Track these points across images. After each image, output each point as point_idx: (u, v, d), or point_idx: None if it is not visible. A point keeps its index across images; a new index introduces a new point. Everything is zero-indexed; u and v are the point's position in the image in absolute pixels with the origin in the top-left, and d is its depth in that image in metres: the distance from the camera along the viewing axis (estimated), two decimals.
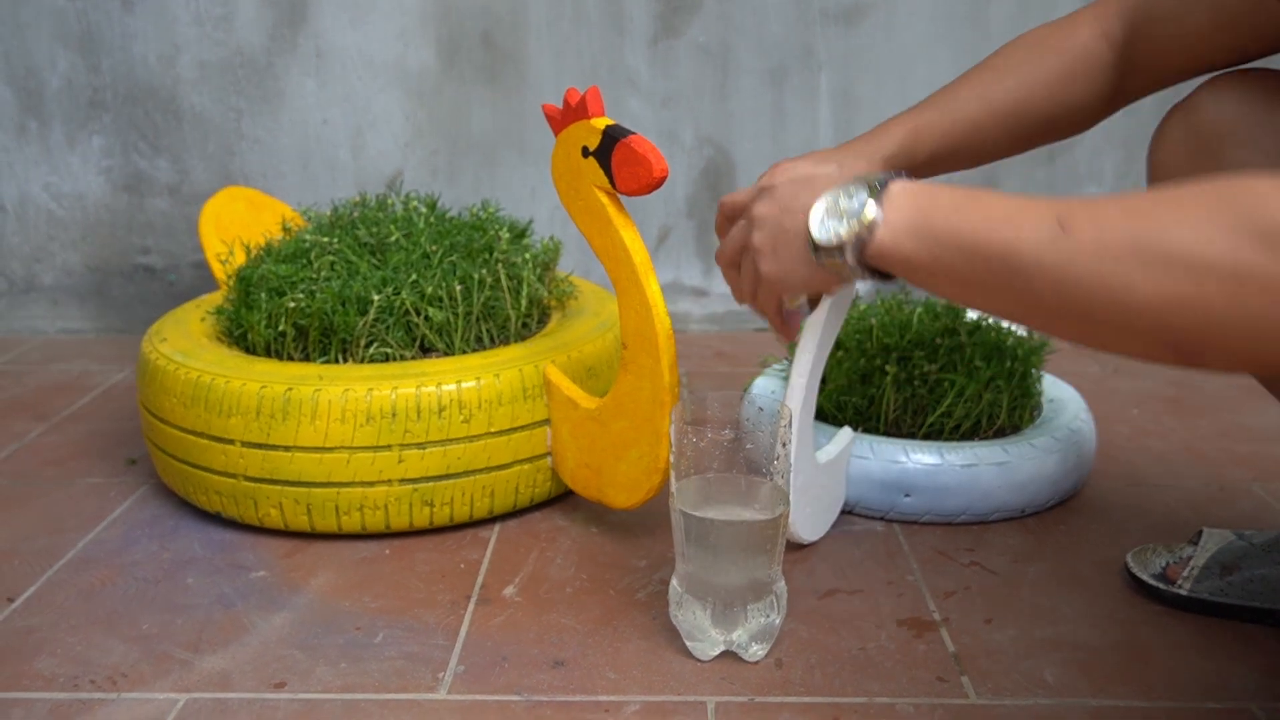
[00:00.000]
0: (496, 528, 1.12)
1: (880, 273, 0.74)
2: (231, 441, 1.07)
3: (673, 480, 0.87)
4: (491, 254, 1.19)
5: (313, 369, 1.08)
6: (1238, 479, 1.22)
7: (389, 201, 1.30)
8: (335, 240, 1.19)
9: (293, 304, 1.12)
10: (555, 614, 0.96)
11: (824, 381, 1.18)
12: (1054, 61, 0.92)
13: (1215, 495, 1.18)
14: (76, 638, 0.93)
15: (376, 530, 1.09)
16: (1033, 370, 1.19)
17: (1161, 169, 0.90)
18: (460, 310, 1.15)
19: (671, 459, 0.87)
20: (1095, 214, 0.59)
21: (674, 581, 0.90)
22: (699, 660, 0.89)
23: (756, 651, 0.88)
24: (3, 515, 1.17)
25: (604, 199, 0.97)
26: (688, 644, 0.89)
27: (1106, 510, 1.15)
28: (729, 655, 0.89)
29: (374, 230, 1.21)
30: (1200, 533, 0.97)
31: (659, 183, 0.91)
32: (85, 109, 1.76)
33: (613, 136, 0.93)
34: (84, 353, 1.74)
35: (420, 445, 1.06)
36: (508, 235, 1.22)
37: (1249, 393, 1.49)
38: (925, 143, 0.92)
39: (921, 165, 0.93)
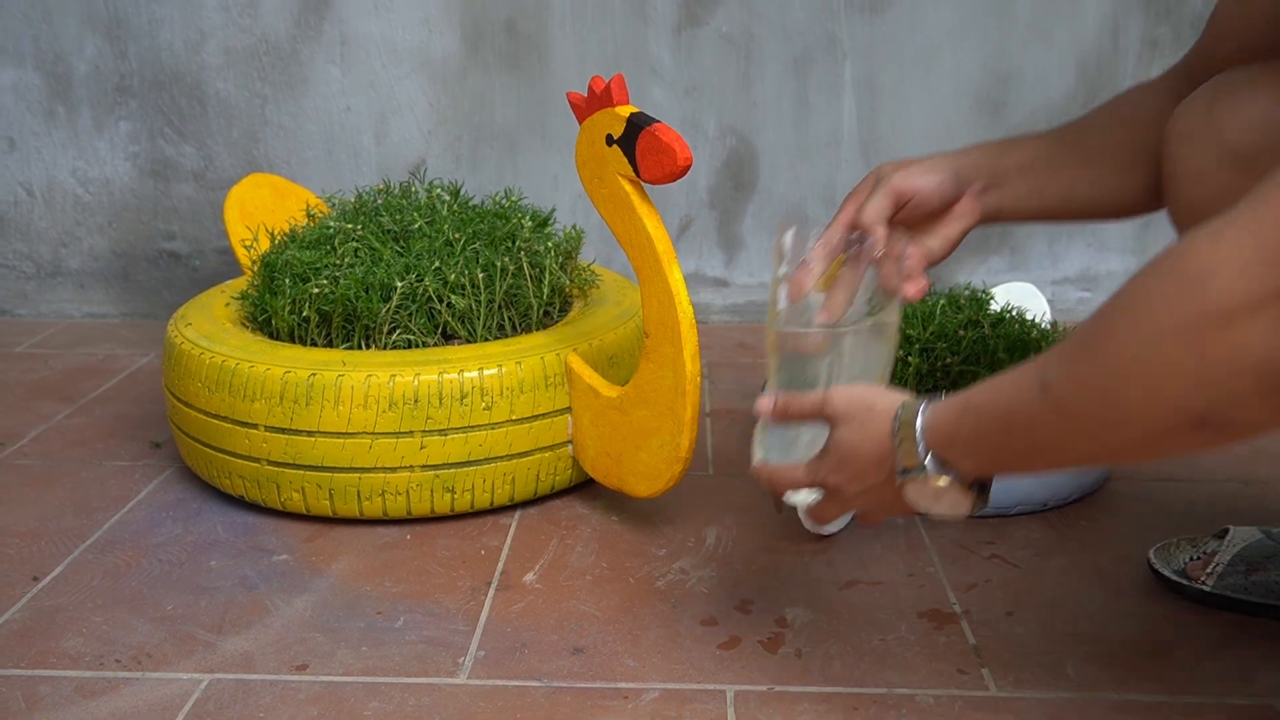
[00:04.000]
0: (517, 515, 1.13)
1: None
2: (255, 426, 1.07)
3: (779, 293, 0.82)
4: (514, 242, 1.20)
5: (336, 355, 1.09)
6: (1265, 476, 1.21)
7: (412, 189, 1.31)
8: (359, 227, 1.20)
9: (316, 290, 1.12)
10: (575, 601, 0.96)
11: None
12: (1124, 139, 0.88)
13: (1241, 491, 1.17)
14: (102, 617, 0.94)
15: (398, 516, 1.09)
16: None
17: (1195, 197, 0.78)
18: (483, 298, 1.15)
19: (783, 272, 0.81)
20: (1069, 370, 0.61)
21: (759, 433, 0.84)
22: (798, 504, 0.83)
23: None
24: (30, 496, 1.18)
25: (628, 187, 0.97)
26: (790, 497, 0.81)
27: (1130, 505, 1.14)
28: (748, 643, 0.89)
29: (397, 217, 1.21)
30: (1226, 530, 0.97)
31: (683, 171, 0.91)
32: (112, 95, 1.77)
33: (637, 124, 0.92)
34: (110, 336, 1.75)
35: (442, 431, 1.06)
36: (530, 223, 1.22)
37: None
38: (1011, 159, 0.88)
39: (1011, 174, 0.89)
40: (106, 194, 1.82)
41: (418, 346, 1.14)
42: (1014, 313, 1.25)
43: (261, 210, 1.57)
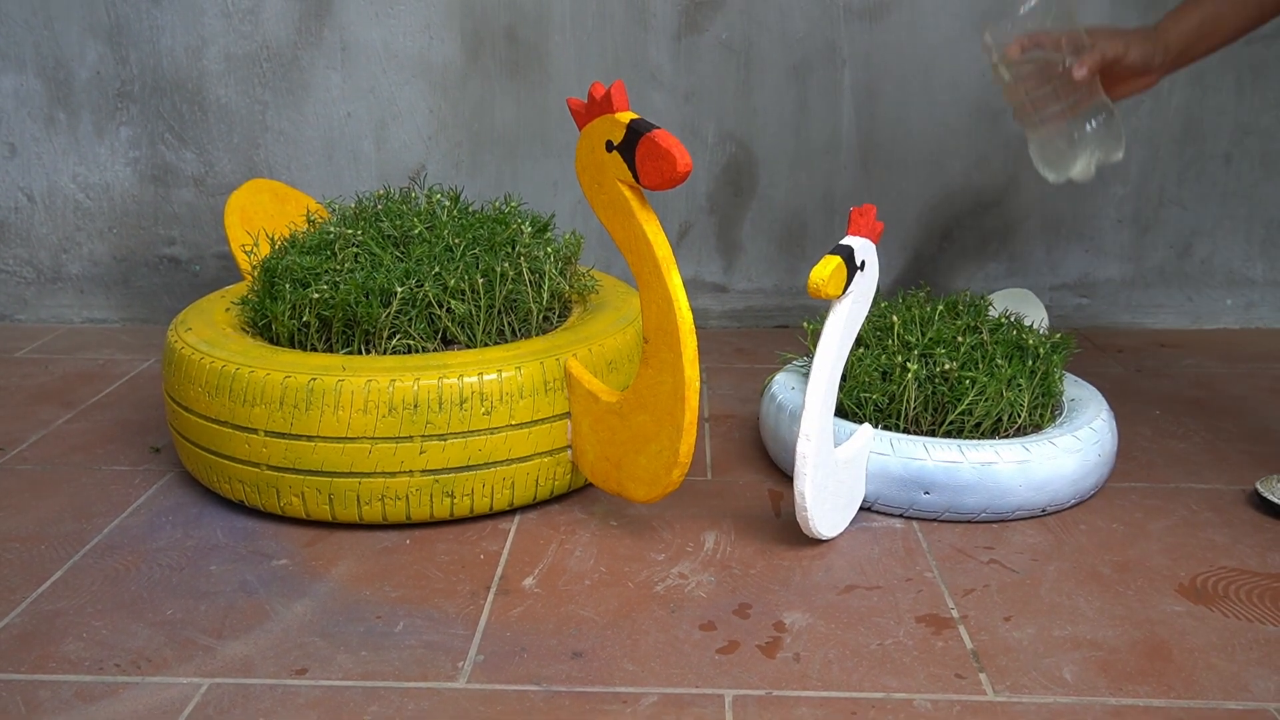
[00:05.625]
0: (516, 519, 1.13)
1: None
2: (255, 430, 1.08)
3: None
4: (514, 247, 1.20)
5: (336, 360, 1.09)
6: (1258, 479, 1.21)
7: (412, 194, 1.31)
8: (359, 232, 1.20)
9: (316, 295, 1.13)
10: (574, 605, 0.97)
11: (844, 378, 1.18)
12: None
13: (1239, 496, 1.17)
14: (102, 622, 0.95)
15: (397, 520, 1.09)
16: (1054, 369, 1.19)
17: None
18: (482, 303, 1.16)
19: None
20: None
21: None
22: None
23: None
24: (30, 500, 1.19)
25: (627, 193, 0.97)
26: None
27: (1127, 510, 1.14)
28: (746, 648, 0.89)
29: (397, 223, 1.22)
30: None
31: (683, 177, 0.91)
32: (113, 100, 1.78)
33: (637, 131, 0.93)
34: (110, 342, 1.76)
35: (441, 437, 1.06)
36: (530, 229, 1.23)
37: (1274, 394, 1.48)
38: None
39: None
40: (107, 199, 1.82)
41: (417, 352, 1.14)
42: (1012, 318, 1.26)
43: (262, 216, 1.57)
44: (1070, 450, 1.11)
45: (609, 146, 0.96)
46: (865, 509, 1.14)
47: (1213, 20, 1.21)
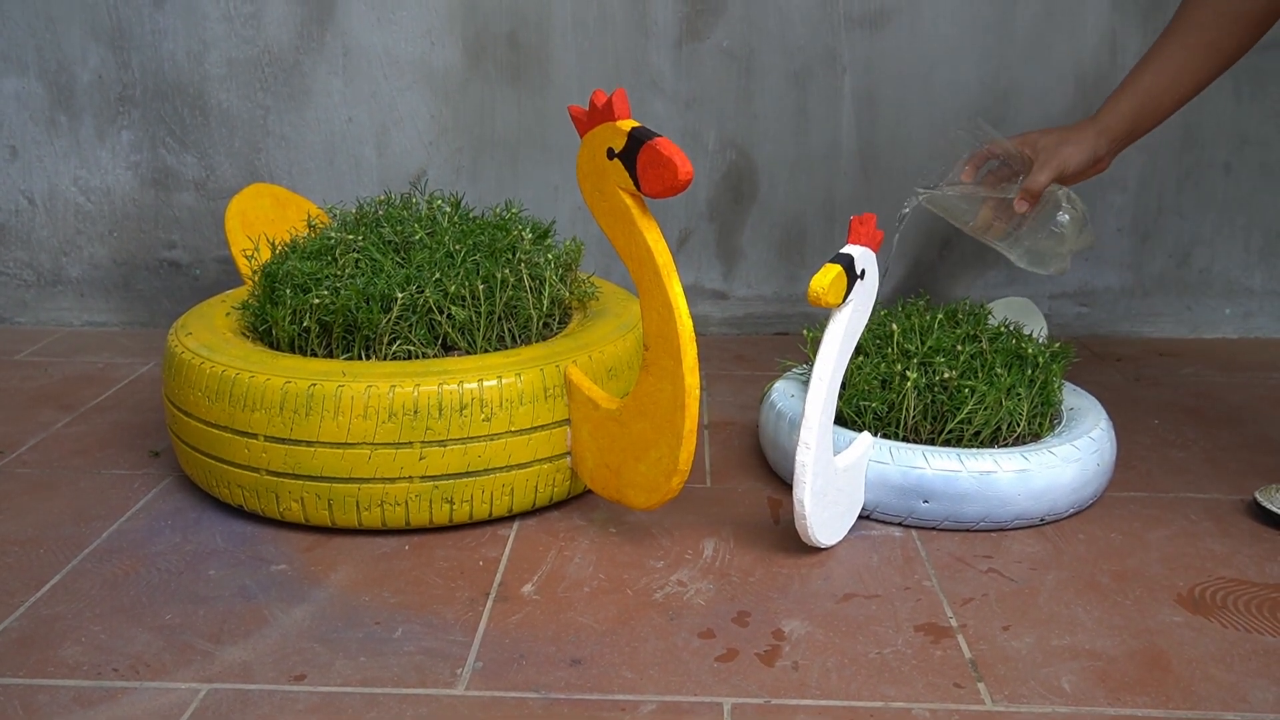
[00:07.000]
0: (515, 526, 1.13)
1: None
2: (254, 436, 1.08)
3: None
4: (514, 254, 1.20)
5: (336, 365, 1.09)
6: (1258, 487, 1.21)
7: (413, 200, 1.31)
8: (360, 238, 1.20)
9: (317, 300, 1.13)
10: (573, 613, 0.97)
11: (844, 386, 1.18)
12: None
13: (1238, 506, 1.17)
14: (100, 626, 0.94)
15: (397, 526, 1.09)
16: (1053, 378, 1.19)
17: None
18: (483, 309, 1.16)
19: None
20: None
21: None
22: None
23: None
24: (29, 504, 1.18)
25: (628, 200, 0.97)
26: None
27: (1126, 520, 1.14)
28: (745, 656, 0.89)
29: (398, 228, 1.22)
30: None
31: (684, 185, 0.91)
32: (114, 104, 1.78)
33: (638, 139, 0.93)
34: (109, 345, 1.76)
35: (441, 443, 1.07)
36: (530, 235, 1.23)
37: (1273, 404, 1.48)
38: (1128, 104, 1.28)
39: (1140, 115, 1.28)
40: (107, 203, 1.82)
41: (418, 357, 1.14)
42: (1011, 327, 1.26)
43: (262, 220, 1.58)
44: (1069, 459, 1.11)
45: (610, 154, 0.96)
46: (864, 517, 1.14)
47: (1151, 100, 1.25)
